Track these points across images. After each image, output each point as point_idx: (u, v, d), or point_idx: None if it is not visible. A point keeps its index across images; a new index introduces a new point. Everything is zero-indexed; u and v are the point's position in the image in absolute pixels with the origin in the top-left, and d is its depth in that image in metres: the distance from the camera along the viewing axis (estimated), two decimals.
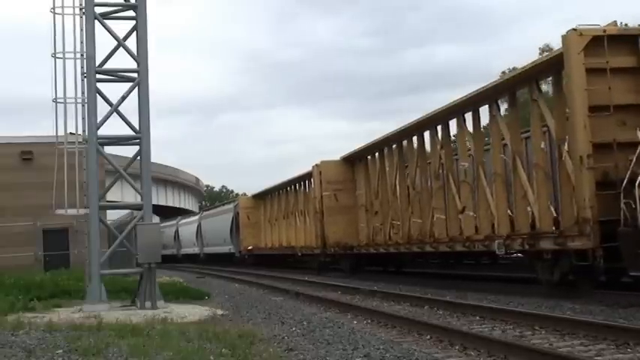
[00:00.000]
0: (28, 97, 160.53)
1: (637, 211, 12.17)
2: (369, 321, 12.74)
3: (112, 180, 19.57)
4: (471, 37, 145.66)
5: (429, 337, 10.38)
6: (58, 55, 16.73)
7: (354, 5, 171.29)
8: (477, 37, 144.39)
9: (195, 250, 57.47)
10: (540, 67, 15.62)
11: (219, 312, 15.50)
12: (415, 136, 22.72)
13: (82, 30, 16.85)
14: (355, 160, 28.40)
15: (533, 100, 15.84)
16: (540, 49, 50.79)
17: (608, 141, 13.52)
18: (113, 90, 17.55)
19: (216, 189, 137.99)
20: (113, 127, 19.24)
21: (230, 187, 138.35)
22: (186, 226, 61.06)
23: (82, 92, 16.85)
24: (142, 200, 17.27)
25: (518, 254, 18.20)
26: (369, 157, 26.79)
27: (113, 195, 36.11)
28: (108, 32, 17.11)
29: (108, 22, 17.21)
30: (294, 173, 37.30)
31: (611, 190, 13.03)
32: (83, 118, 16.73)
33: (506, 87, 17.33)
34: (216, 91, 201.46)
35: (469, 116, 19.19)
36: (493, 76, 43.05)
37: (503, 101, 19.92)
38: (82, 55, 16.83)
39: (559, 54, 14.53)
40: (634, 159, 12.71)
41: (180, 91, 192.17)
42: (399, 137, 23.72)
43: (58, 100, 16.76)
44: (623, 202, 12.50)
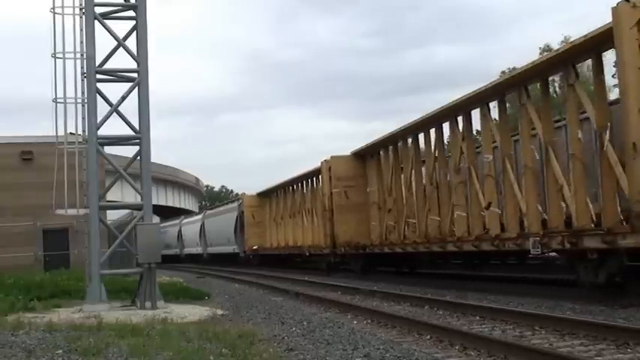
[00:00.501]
0: (28, 97, 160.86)
1: None
2: (369, 321, 12.74)
3: (112, 180, 19.57)
4: (471, 37, 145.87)
5: (429, 337, 10.38)
6: (58, 55, 16.75)
7: (354, 5, 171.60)
8: (477, 37, 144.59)
9: (198, 250, 56.67)
10: (578, 48, 13.94)
11: (219, 312, 15.50)
12: (433, 128, 21.27)
13: (82, 30, 16.85)
14: (366, 155, 27.01)
15: (570, 85, 14.40)
16: (541, 48, 50.84)
17: None
18: (113, 90, 17.59)
19: (216, 189, 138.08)
20: (113, 127, 19.32)
21: (230, 187, 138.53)
22: (190, 226, 60.22)
23: (82, 92, 16.86)
24: (142, 200, 17.27)
25: (550, 254, 16.45)
26: (382, 151, 25.48)
27: (113, 195, 36.13)
28: (108, 32, 17.12)
29: (108, 22, 17.21)
30: (295, 173, 36.90)
31: None
32: (83, 118, 16.74)
33: (537, 72, 15.69)
34: (217, 91, 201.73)
35: (494, 105, 18.10)
36: (493, 76, 43.03)
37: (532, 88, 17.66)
38: (82, 55, 16.83)
39: (603, 31, 12.88)
40: None
41: (181, 91, 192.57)
42: (415, 129, 22.24)
43: (58, 100, 16.77)
44: None
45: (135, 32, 17.27)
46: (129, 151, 18.12)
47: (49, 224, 29.66)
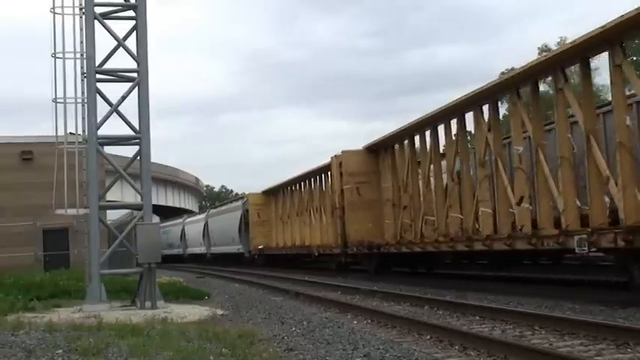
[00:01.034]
0: (28, 97, 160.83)
1: None
2: (369, 321, 12.73)
3: (112, 180, 19.56)
4: (472, 37, 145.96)
5: (429, 337, 10.37)
6: (58, 55, 16.75)
7: (355, 5, 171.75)
8: (478, 37, 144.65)
9: (201, 249, 55.61)
10: (627, 23, 12.75)
11: (219, 312, 15.50)
12: (455, 119, 19.83)
13: (81, 30, 16.86)
14: (380, 149, 25.51)
15: (616, 65, 13.16)
16: (539, 48, 50.90)
17: None
18: (113, 90, 17.59)
19: (216, 189, 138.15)
20: (113, 127, 19.26)
21: (230, 188, 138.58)
22: (193, 225, 59.17)
23: (82, 92, 16.86)
24: (141, 200, 17.27)
25: (590, 253, 14.77)
26: (397, 145, 24.13)
27: (113, 195, 36.12)
28: (108, 32, 17.12)
29: (108, 22, 17.21)
30: (295, 173, 36.49)
31: None
32: (83, 118, 16.74)
33: (577, 52, 14.22)
34: (217, 91, 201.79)
35: (526, 91, 16.78)
36: (494, 76, 43.00)
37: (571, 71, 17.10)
38: (82, 55, 16.84)
39: None
40: None
41: (181, 91, 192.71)
42: (435, 121, 20.75)
43: (58, 100, 16.77)
44: None
45: (135, 32, 17.27)
46: (129, 151, 18.15)
47: (49, 224, 29.67)
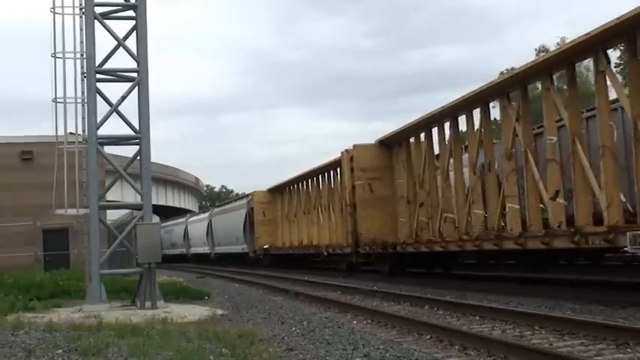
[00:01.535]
0: (28, 97, 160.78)
1: None
2: (369, 321, 12.73)
3: (112, 180, 19.56)
4: (473, 38, 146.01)
5: (429, 337, 10.37)
6: (58, 55, 16.75)
7: (356, 6, 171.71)
8: (479, 38, 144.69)
9: (205, 249, 54.48)
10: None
11: (219, 312, 15.50)
12: (477, 109, 18.60)
13: (81, 30, 16.85)
14: (394, 143, 24.25)
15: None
16: (536, 49, 50.91)
17: None
18: (113, 90, 17.58)
19: (216, 189, 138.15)
20: (113, 127, 19.28)
21: (230, 188, 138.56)
22: (196, 224, 58.12)
23: (82, 92, 16.85)
24: (141, 200, 17.27)
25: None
26: (413, 138, 22.88)
27: (113, 195, 36.13)
28: (108, 32, 17.12)
29: (108, 22, 17.20)
30: (295, 173, 36.12)
31: None
32: (83, 118, 16.74)
33: (623, 29, 12.86)
34: (219, 91, 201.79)
35: (560, 76, 15.68)
36: (494, 76, 43.00)
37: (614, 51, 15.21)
38: (82, 55, 16.83)
39: None
40: None
41: (182, 91, 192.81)
42: (455, 111, 19.53)
43: (58, 100, 16.77)
44: None
45: (135, 32, 17.27)
46: (129, 151, 18.15)
47: (49, 224, 29.66)
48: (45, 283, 20.97)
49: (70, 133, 17.04)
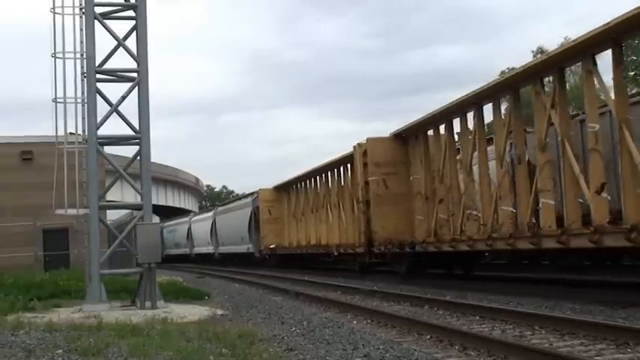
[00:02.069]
0: (28, 97, 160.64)
1: None
2: (369, 321, 12.73)
3: (112, 180, 19.57)
4: (474, 38, 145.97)
5: (429, 337, 10.37)
6: (58, 55, 16.75)
7: (357, 6, 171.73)
8: (480, 38, 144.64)
9: (209, 249, 53.12)
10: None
11: (219, 312, 15.50)
12: (506, 96, 17.44)
13: (82, 30, 16.85)
14: (410, 136, 22.95)
15: None
16: (533, 52, 50.97)
17: None
18: (113, 90, 17.59)
19: (217, 189, 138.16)
20: (113, 127, 19.26)
21: (231, 188, 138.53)
22: (200, 224, 56.79)
23: (82, 92, 16.86)
24: (141, 200, 17.27)
25: None
26: (431, 130, 21.56)
27: (113, 195, 36.12)
28: (108, 32, 17.12)
29: (108, 22, 17.21)
30: (296, 173, 35.75)
31: None
32: (83, 118, 16.74)
33: None
34: (219, 91, 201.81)
35: (605, 57, 13.92)
36: (495, 76, 43.00)
37: None
38: (82, 55, 16.84)
39: None
40: None
41: (182, 91, 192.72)
42: (479, 100, 18.18)
43: (58, 100, 16.78)
44: None
45: (135, 32, 17.27)
46: (129, 151, 18.15)
47: (49, 224, 29.67)
48: (45, 283, 20.98)
49: (70, 133, 17.05)
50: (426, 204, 21.54)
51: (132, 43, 17.30)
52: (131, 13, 17.37)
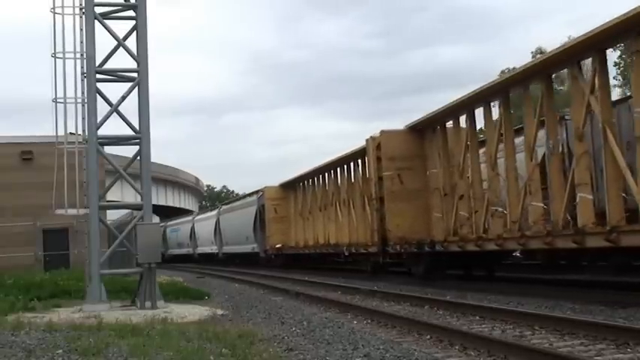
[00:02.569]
0: (28, 97, 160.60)
1: None
2: (369, 321, 12.74)
3: (112, 180, 19.57)
4: (475, 38, 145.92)
5: (429, 337, 10.38)
6: (58, 55, 16.75)
7: (358, 6, 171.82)
8: (481, 38, 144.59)
9: (213, 249, 51.76)
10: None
11: (219, 312, 15.50)
12: (537, 83, 16.14)
13: (82, 30, 16.85)
14: (426, 128, 21.66)
15: None
16: (532, 52, 50.99)
17: None
18: (113, 90, 17.59)
19: (217, 189, 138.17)
20: (113, 127, 19.26)
21: (231, 188, 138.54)
22: (203, 223, 55.39)
23: (82, 92, 16.86)
24: (141, 200, 17.27)
25: None
26: (451, 122, 20.16)
27: (113, 195, 36.10)
28: (108, 32, 17.12)
29: (108, 22, 17.21)
30: (296, 173, 35.48)
31: None
32: (83, 118, 16.74)
33: None
34: (220, 91, 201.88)
35: None
36: (496, 76, 43.01)
37: None
38: (82, 55, 16.84)
39: None
40: None
41: (183, 91, 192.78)
42: (505, 87, 17.02)
43: (58, 100, 16.78)
44: None
45: (135, 32, 17.27)
46: (129, 151, 18.15)
47: (49, 224, 29.66)
48: (45, 283, 20.98)
49: (70, 133, 17.05)
50: (445, 200, 20.36)
51: (132, 43, 17.30)
52: (131, 13, 17.37)
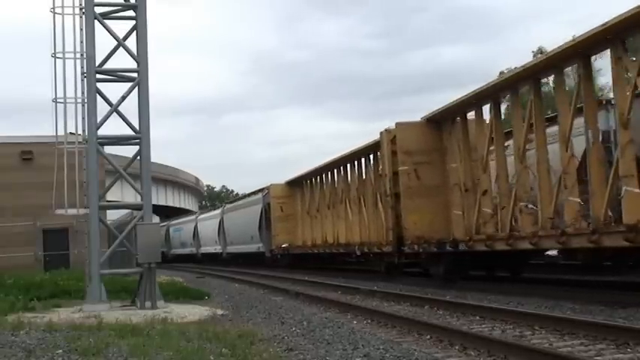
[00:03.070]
0: (28, 97, 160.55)
1: None
2: (369, 321, 12.73)
3: (112, 180, 19.57)
4: (476, 38, 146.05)
5: (429, 337, 10.37)
6: (58, 55, 16.75)
7: (359, 7, 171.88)
8: (481, 38, 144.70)
9: (217, 249, 50.54)
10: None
11: (219, 312, 15.50)
12: (572, 65, 14.86)
13: (81, 30, 16.85)
14: (445, 120, 20.09)
15: None
16: (533, 52, 50.96)
17: None
18: (113, 90, 17.59)
19: (217, 189, 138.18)
20: (113, 127, 19.28)
21: (231, 188, 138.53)
22: (207, 222, 54.26)
23: (82, 92, 16.86)
24: (141, 200, 17.27)
25: None
26: (473, 112, 18.52)
27: (113, 195, 36.09)
28: (108, 32, 17.12)
29: (108, 22, 17.21)
30: (297, 173, 35.28)
31: None
32: (83, 118, 16.75)
33: None
34: (220, 91, 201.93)
35: None
36: (496, 76, 43.00)
37: None
38: (82, 55, 16.84)
39: None
40: None
41: (183, 91, 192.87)
42: (535, 73, 15.57)
43: (58, 100, 16.78)
44: None
45: (135, 32, 17.27)
46: (129, 151, 18.16)
47: (49, 224, 29.66)
48: (45, 283, 20.98)
49: (70, 133, 17.05)
50: (466, 197, 18.85)
51: (132, 43, 17.30)
52: (131, 13, 17.37)
